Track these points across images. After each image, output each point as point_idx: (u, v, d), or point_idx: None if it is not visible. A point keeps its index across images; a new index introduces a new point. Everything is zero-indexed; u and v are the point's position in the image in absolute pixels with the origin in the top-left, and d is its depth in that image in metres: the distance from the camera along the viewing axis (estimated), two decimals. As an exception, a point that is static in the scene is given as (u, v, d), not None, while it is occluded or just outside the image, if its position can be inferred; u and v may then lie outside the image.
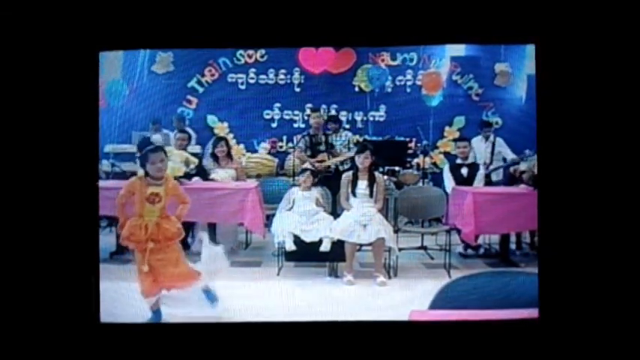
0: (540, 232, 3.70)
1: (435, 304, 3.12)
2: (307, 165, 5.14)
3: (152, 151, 3.62)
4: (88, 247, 3.57)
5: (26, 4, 3.45)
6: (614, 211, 3.53)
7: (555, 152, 3.61)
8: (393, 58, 6.34)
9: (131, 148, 5.34)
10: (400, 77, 6.35)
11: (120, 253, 4.73)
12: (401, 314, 3.62)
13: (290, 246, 4.45)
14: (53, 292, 3.44)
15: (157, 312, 3.68)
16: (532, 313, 3.47)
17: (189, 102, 6.29)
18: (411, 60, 6.34)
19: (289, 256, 4.52)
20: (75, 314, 3.46)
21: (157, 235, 3.57)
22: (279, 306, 3.90)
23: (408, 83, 6.36)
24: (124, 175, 5.14)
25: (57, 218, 3.47)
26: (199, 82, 6.32)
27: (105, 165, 5.37)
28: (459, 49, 6.09)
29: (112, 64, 5.43)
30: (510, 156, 5.39)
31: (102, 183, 4.95)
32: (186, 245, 4.58)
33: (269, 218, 4.76)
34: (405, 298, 4.00)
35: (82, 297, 3.50)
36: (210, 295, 3.76)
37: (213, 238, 4.88)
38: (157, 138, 4.59)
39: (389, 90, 6.36)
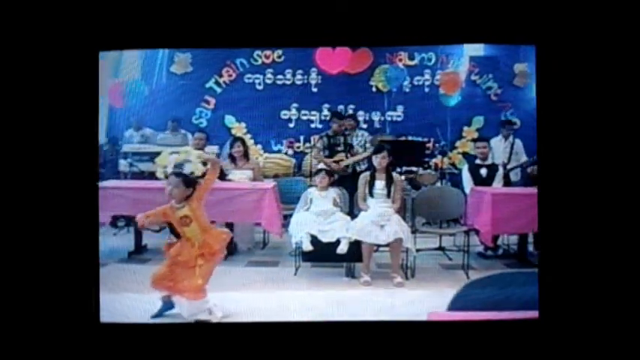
0: (540, 232, 3.67)
1: (453, 306, 3.12)
2: (322, 165, 5.12)
3: (173, 174, 3.81)
4: (89, 247, 3.56)
5: (26, 4, 3.45)
6: (615, 212, 3.51)
7: (555, 152, 3.59)
8: (411, 58, 6.32)
9: (149, 147, 5.39)
10: (418, 77, 6.33)
11: (138, 253, 4.78)
12: (418, 315, 3.62)
13: (307, 246, 4.43)
14: (53, 292, 3.44)
15: (168, 303, 3.71)
16: (532, 313, 3.45)
17: (207, 102, 6.33)
18: (429, 60, 6.31)
19: (306, 257, 4.50)
20: (75, 314, 3.46)
21: (206, 250, 3.63)
22: (295, 306, 3.88)
23: (426, 83, 6.34)
24: (141, 175, 5.19)
25: (57, 218, 3.47)
26: (217, 83, 6.35)
27: (123, 165, 5.41)
28: (477, 49, 6.06)
29: (131, 65, 5.49)
30: (524, 158, 5.36)
31: (120, 183, 5.03)
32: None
33: (286, 218, 4.76)
34: (423, 300, 3.97)
35: (82, 297, 3.49)
36: (165, 307, 3.75)
37: (231, 238, 4.93)
38: (188, 166, 4.62)
39: (407, 90, 6.34)
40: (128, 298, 3.74)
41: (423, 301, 3.93)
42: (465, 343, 3.49)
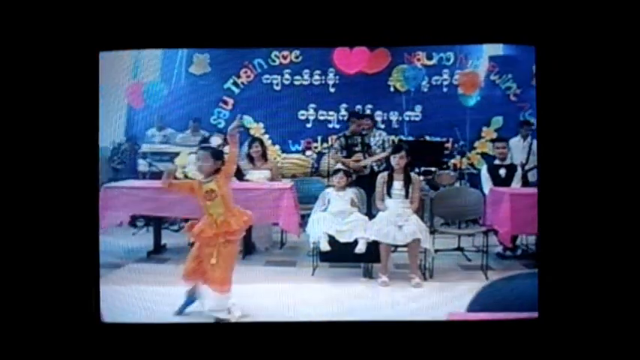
0: (540, 232, 3.65)
1: (473, 307, 3.09)
2: (340, 165, 5.11)
3: (200, 149, 3.78)
4: (89, 247, 3.54)
5: (26, 4, 3.44)
6: (614, 212, 3.46)
7: (555, 153, 3.55)
8: (429, 58, 6.30)
9: (168, 148, 5.43)
10: (436, 77, 6.31)
11: (157, 252, 4.82)
12: (437, 316, 3.59)
13: (325, 246, 4.42)
14: (54, 292, 3.42)
15: (191, 296, 3.72)
16: (531, 313, 3.40)
17: (226, 103, 6.36)
18: (448, 59, 6.29)
19: (324, 257, 4.49)
20: (75, 314, 3.44)
21: (225, 229, 3.61)
22: (313, 306, 3.88)
23: (445, 83, 6.32)
24: (161, 175, 5.21)
25: (57, 218, 3.45)
26: (235, 84, 6.39)
27: (142, 164, 5.45)
28: (497, 49, 6.03)
29: (150, 65, 5.54)
30: None
31: (138, 183, 5.07)
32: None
33: (304, 218, 4.77)
34: (441, 300, 3.94)
35: (82, 297, 3.47)
36: (188, 300, 3.75)
37: (249, 237, 4.94)
38: (215, 140, 4.64)
39: (425, 90, 6.32)
40: (148, 300, 3.75)
41: (441, 301, 3.91)
42: (465, 343, 3.47)
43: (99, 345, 3.41)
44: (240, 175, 5.10)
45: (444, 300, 3.94)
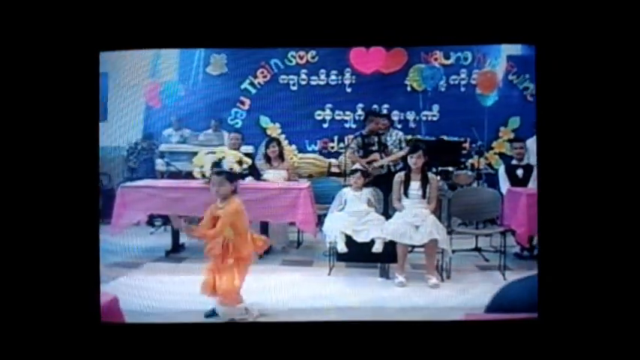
0: (540, 232, 3.62)
1: (491, 308, 3.07)
2: (358, 165, 5.11)
3: (215, 174, 3.78)
4: (89, 247, 3.53)
5: (26, 4, 3.45)
6: (614, 212, 3.44)
7: (556, 153, 3.53)
8: (447, 57, 6.27)
9: (186, 147, 5.46)
10: (454, 76, 6.28)
11: (175, 252, 4.84)
12: (454, 317, 3.57)
13: (341, 246, 4.42)
14: (54, 292, 3.42)
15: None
16: (531, 313, 3.39)
17: (242, 103, 6.38)
18: (466, 59, 6.26)
19: (340, 257, 4.49)
20: (75, 314, 3.43)
21: (235, 255, 3.62)
22: (329, 306, 3.88)
23: (462, 82, 6.29)
24: (179, 175, 5.25)
25: (57, 218, 3.45)
26: (252, 84, 6.41)
27: (159, 164, 5.49)
28: (515, 49, 5.98)
29: (168, 66, 5.58)
30: None
31: (156, 182, 5.10)
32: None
33: (320, 218, 4.77)
34: (459, 301, 3.93)
35: (82, 297, 3.45)
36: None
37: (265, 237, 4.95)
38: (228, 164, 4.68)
39: (442, 89, 6.29)
40: (167, 300, 3.78)
41: (459, 302, 3.89)
42: (465, 343, 3.46)
43: (99, 345, 3.41)
44: (257, 174, 5.12)
45: (461, 300, 3.93)
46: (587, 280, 3.43)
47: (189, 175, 4.93)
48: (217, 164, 4.57)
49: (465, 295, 4.04)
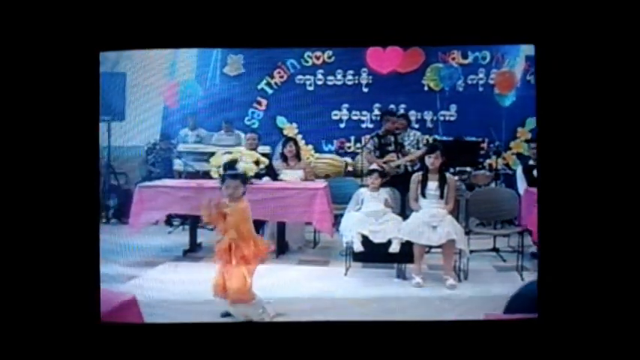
0: (540, 232, 3.60)
1: (510, 308, 3.06)
2: (375, 166, 5.10)
3: (230, 177, 3.78)
4: (89, 247, 3.53)
5: (26, 4, 3.45)
6: (614, 212, 3.42)
7: (556, 152, 3.51)
8: (465, 57, 6.23)
9: (204, 147, 5.49)
10: (472, 76, 6.24)
11: (193, 251, 4.87)
12: (472, 318, 3.56)
13: (358, 246, 4.41)
14: (53, 292, 3.42)
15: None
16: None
17: (259, 103, 6.40)
18: (484, 58, 6.22)
19: (357, 257, 4.48)
20: (75, 314, 3.43)
21: (239, 255, 3.62)
22: (345, 306, 3.89)
23: (480, 82, 6.24)
24: (197, 175, 5.28)
25: (57, 218, 3.45)
26: (268, 84, 6.42)
27: (178, 164, 5.52)
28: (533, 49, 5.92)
29: (186, 66, 5.61)
30: None
31: (175, 182, 5.14)
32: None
33: (337, 218, 4.77)
34: (476, 302, 3.90)
35: (82, 297, 3.45)
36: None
37: (282, 237, 4.96)
38: (241, 166, 4.68)
39: (460, 89, 6.26)
40: (185, 299, 3.80)
41: (476, 303, 3.87)
42: (465, 343, 3.45)
43: (99, 345, 3.41)
44: (274, 175, 5.13)
45: (478, 301, 3.90)
46: (587, 280, 3.42)
47: (206, 175, 4.96)
48: (230, 166, 4.58)
49: (482, 296, 4.01)
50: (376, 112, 6.27)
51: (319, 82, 6.42)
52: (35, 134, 3.45)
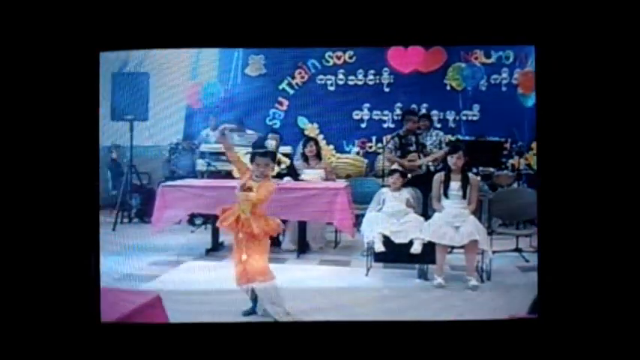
0: (540, 232, 3.60)
1: (534, 308, 3.04)
2: (396, 166, 5.08)
3: (261, 155, 3.77)
4: (89, 247, 3.56)
5: (26, 4, 3.47)
6: (615, 212, 3.42)
7: (556, 153, 3.52)
8: (488, 56, 6.18)
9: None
10: (495, 75, 6.19)
11: (215, 250, 4.90)
12: (496, 319, 3.54)
13: (379, 247, 4.40)
14: (53, 292, 3.44)
15: (254, 301, 3.75)
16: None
17: (280, 104, 6.41)
18: (507, 58, 6.16)
19: (378, 257, 4.47)
20: (75, 314, 3.45)
21: (245, 229, 3.63)
22: (367, 307, 3.87)
23: (504, 82, 6.19)
24: (219, 174, 5.31)
25: (57, 218, 3.47)
26: (290, 84, 6.43)
27: (200, 164, 5.56)
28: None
29: (208, 67, 5.64)
30: None
31: (197, 182, 5.17)
32: (277, 242, 4.70)
33: (358, 218, 4.76)
34: (499, 303, 3.87)
35: (82, 297, 3.48)
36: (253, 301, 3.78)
37: (303, 237, 4.97)
38: (270, 143, 4.70)
39: (483, 89, 6.21)
40: (212, 299, 3.81)
41: (499, 304, 3.84)
42: (465, 343, 3.45)
43: (99, 345, 3.44)
44: (295, 175, 5.14)
45: (501, 302, 3.87)
46: (587, 280, 3.42)
47: (228, 175, 4.99)
48: (260, 145, 4.59)
49: (505, 297, 3.98)
50: (398, 111, 6.25)
51: (340, 82, 6.41)
52: (35, 134, 3.48)
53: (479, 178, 4.86)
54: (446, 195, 4.42)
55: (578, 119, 3.48)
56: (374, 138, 6.33)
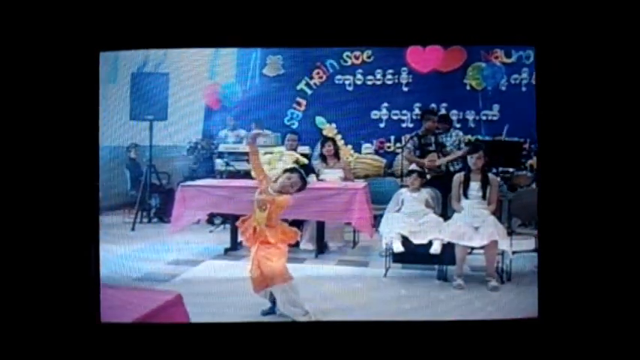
0: (540, 232, 3.59)
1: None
2: (414, 166, 5.05)
3: (291, 171, 3.78)
4: (89, 246, 3.55)
5: (26, 4, 3.47)
6: (615, 212, 3.40)
7: (556, 153, 3.50)
8: (508, 56, 6.12)
9: (245, 148, 5.53)
10: (515, 75, 6.14)
11: (234, 249, 4.91)
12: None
13: (398, 247, 4.38)
14: (53, 292, 3.44)
15: (273, 302, 3.75)
16: (531, 313, 3.42)
17: (299, 104, 6.42)
18: (527, 58, 6.10)
19: (397, 258, 4.45)
20: (75, 314, 3.45)
21: (262, 239, 3.65)
22: (385, 307, 3.86)
23: (524, 82, 6.13)
24: (238, 174, 5.33)
25: (57, 218, 3.47)
26: (308, 85, 6.44)
27: (219, 164, 5.58)
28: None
29: (226, 67, 5.66)
30: None
31: (217, 182, 5.19)
32: (296, 243, 4.69)
33: (377, 218, 4.74)
34: (519, 304, 3.83)
35: (82, 297, 3.47)
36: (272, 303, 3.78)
37: (322, 236, 4.96)
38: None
39: (503, 88, 6.16)
40: (231, 299, 3.80)
41: (519, 305, 3.80)
42: (465, 343, 3.44)
43: (99, 345, 3.44)
44: (312, 174, 5.14)
45: (521, 303, 3.83)
46: (587, 280, 3.40)
47: (247, 175, 5.00)
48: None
49: (525, 298, 3.93)
50: (417, 111, 6.22)
51: (358, 82, 6.41)
52: (35, 134, 3.48)
53: (498, 178, 4.82)
54: (466, 195, 4.39)
55: (578, 119, 3.46)
56: (392, 138, 6.31)
